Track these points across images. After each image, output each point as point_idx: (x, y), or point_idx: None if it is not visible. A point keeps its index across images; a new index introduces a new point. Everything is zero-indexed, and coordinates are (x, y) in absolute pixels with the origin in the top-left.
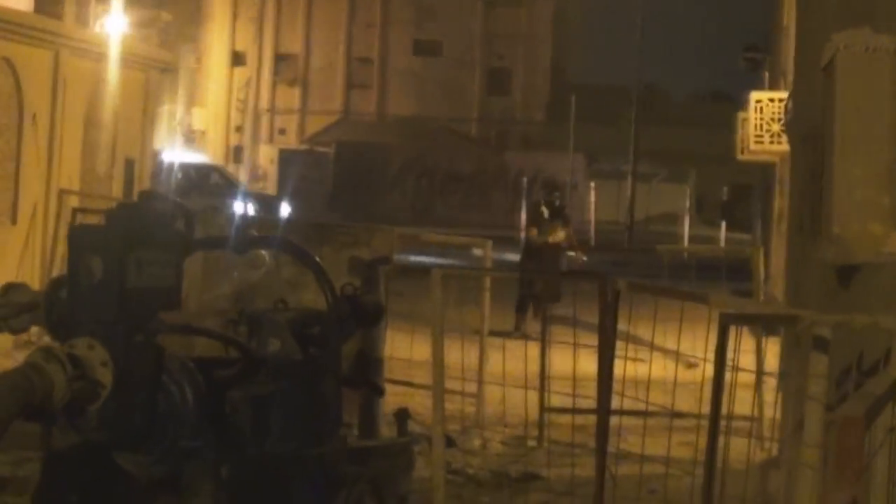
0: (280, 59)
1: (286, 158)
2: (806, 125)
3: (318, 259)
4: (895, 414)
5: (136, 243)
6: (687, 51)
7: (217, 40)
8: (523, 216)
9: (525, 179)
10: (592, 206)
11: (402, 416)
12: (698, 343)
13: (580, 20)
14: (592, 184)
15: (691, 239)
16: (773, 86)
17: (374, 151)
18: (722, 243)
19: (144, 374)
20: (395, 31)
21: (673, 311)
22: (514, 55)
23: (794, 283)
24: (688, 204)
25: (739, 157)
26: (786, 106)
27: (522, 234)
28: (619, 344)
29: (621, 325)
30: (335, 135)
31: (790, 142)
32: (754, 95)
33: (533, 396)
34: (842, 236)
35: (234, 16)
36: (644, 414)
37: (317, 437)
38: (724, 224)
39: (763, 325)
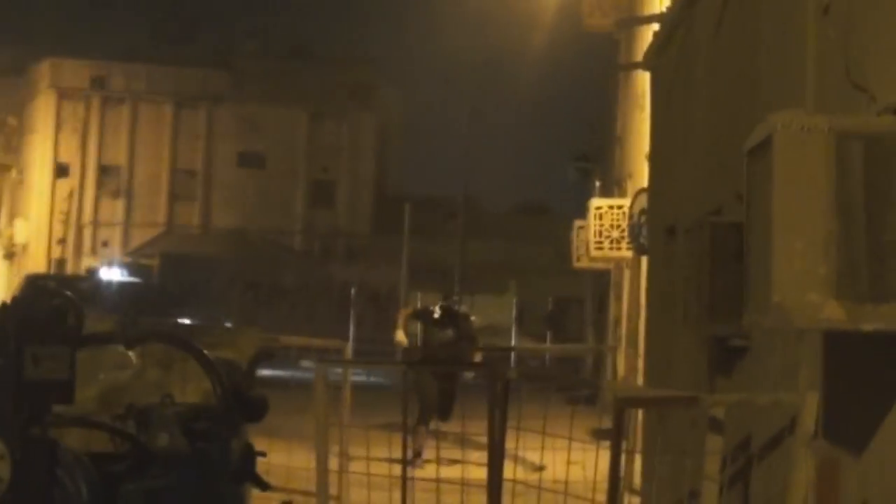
0: (104, 170)
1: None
2: (667, 218)
3: (205, 354)
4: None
5: (31, 337)
6: (504, 164)
7: (40, 151)
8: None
9: (353, 291)
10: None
11: None
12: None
13: (403, 133)
14: (419, 294)
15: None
16: (606, 194)
17: (198, 263)
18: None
19: (40, 468)
20: (220, 143)
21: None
22: (337, 167)
23: (666, 372)
24: (514, 314)
25: (575, 265)
26: (630, 211)
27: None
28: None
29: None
30: (159, 247)
31: (651, 236)
32: (594, 203)
33: None
34: (782, 304)
35: (58, 126)
36: None
37: None
38: (549, 335)
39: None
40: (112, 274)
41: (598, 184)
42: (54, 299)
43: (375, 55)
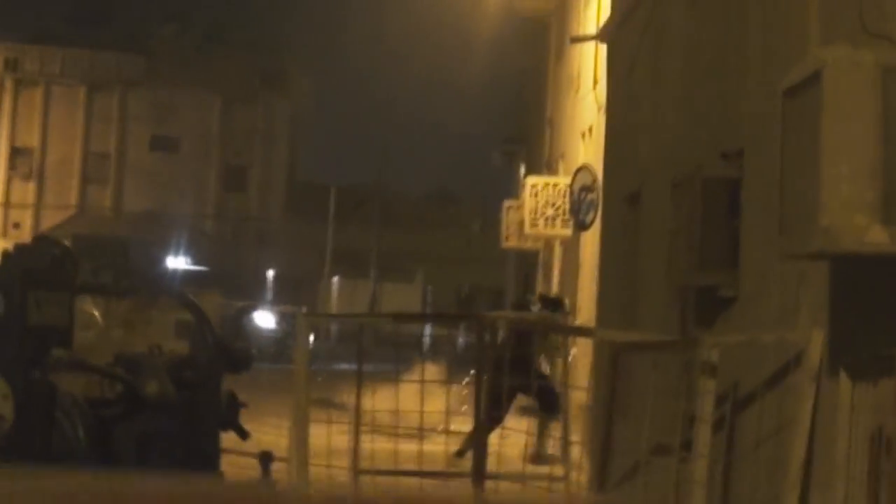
0: (16, 152)
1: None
2: (629, 186)
3: (198, 305)
4: None
5: (35, 283)
6: (418, 151)
7: None
8: None
9: (269, 274)
10: (334, 302)
11: (266, 457)
12: None
13: (317, 120)
14: (336, 279)
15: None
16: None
17: (110, 246)
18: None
19: (41, 409)
20: (133, 126)
21: None
22: (250, 153)
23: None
24: (427, 300)
25: (504, 245)
26: (571, 188)
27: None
28: None
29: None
30: (70, 229)
31: (607, 207)
32: (530, 181)
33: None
34: (830, 228)
35: None
36: None
37: (196, 472)
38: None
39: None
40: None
41: (522, 166)
42: (54, 249)
43: (292, 41)
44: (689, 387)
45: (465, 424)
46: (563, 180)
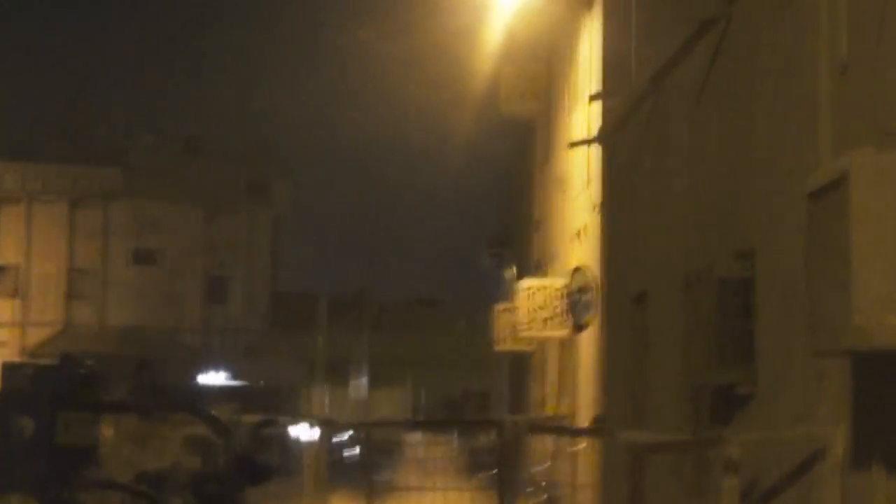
0: None
1: (10, 372)
2: (635, 286)
3: (220, 420)
4: None
5: (62, 403)
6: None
7: None
8: None
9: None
10: (327, 409)
11: None
12: None
13: (299, 227)
14: (326, 387)
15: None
16: (525, 277)
17: (97, 362)
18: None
19: None
20: (116, 241)
21: None
22: (233, 263)
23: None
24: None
25: (497, 348)
26: (569, 289)
27: None
28: None
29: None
30: (57, 346)
31: (611, 306)
32: (524, 283)
33: None
34: (863, 327)
35: None
36: None
37: None
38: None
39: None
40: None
41: (514, 268)
42: (80, 369)
43: (273, 150)
44: (701, 484)
45: None
46: (556, 282)
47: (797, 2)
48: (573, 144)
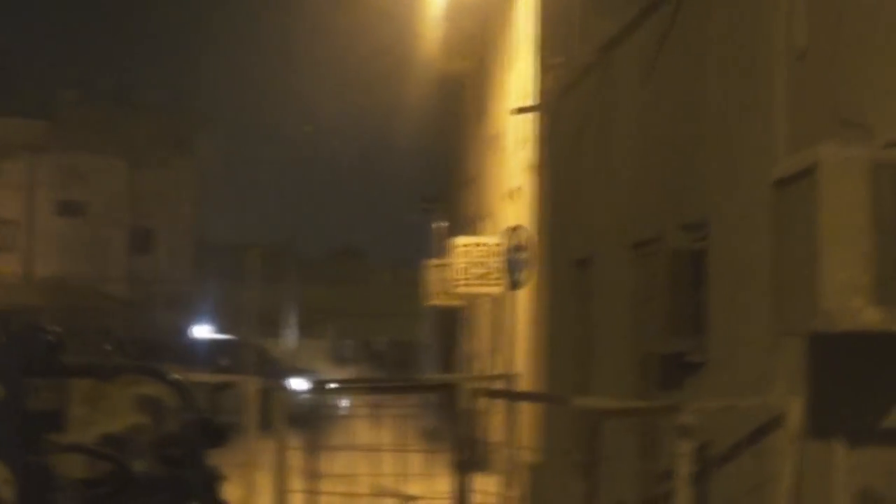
0: None
1: None
2: (577, 251)
3: (183, 382)
4: None
5: (31, 370)
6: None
7: None
8: None
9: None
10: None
11: None
12: None
13: (225, 180)
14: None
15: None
16: (456, 233)
17: (22, 314)
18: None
19: (40, 491)
20: (42, 192)
21: None
22: (158, 215)
23: (583, 392)
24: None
25: (429, 303)
26: (507, 247)
27: None
28: None
29: None
30: None
31: (553, 269)
32: (460, 240)
33: None
34: (829, 310)
35: None
36: None
37: None
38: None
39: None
40: None
41: (443, 223)
42: (47, 335)
43: (199, 103)
44: (652, 448)
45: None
46: (490, 239)
47: None
48: (519, 111)
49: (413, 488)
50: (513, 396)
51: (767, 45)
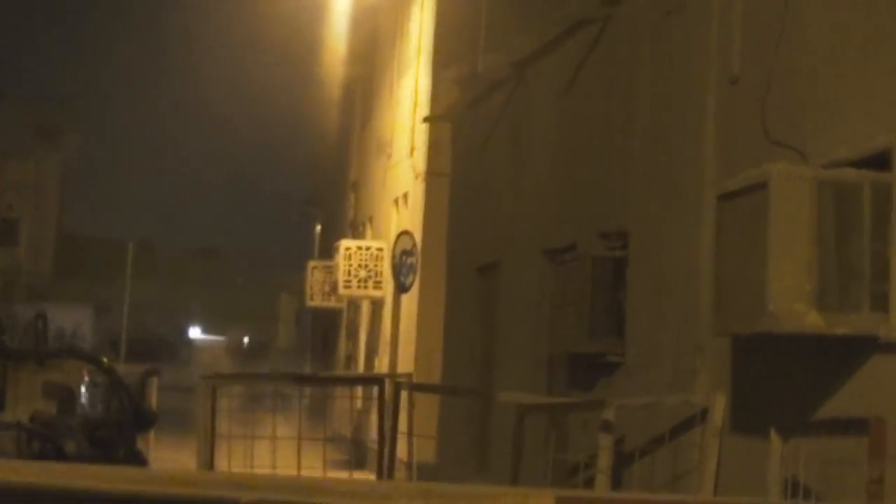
0: None
1: None
2: (482, 257)
3: (114, 368)
4: None
5: None
6: (180, 207)
7: None
8: None
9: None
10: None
11: None
12: None
13: (93, 175)
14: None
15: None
16: (334, 237)
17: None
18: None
19: None
20: None
21: None
22: (22, 206)
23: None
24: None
25: (309, 303)
26: (393, 252)
27: None
28: None
29: None
30: None
31: (455, 274)
32: (343, 243)
33: None
34: (775, 313)
35: None
36: None
37: None
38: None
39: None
40: None
41: (318, 227)
42: None
43: (68, 96)
44: (563, 442)
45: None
46: (374, 243)
47: (687, 10)
48: (426, 120)
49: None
50: (438, 390)
51: (700, 69)
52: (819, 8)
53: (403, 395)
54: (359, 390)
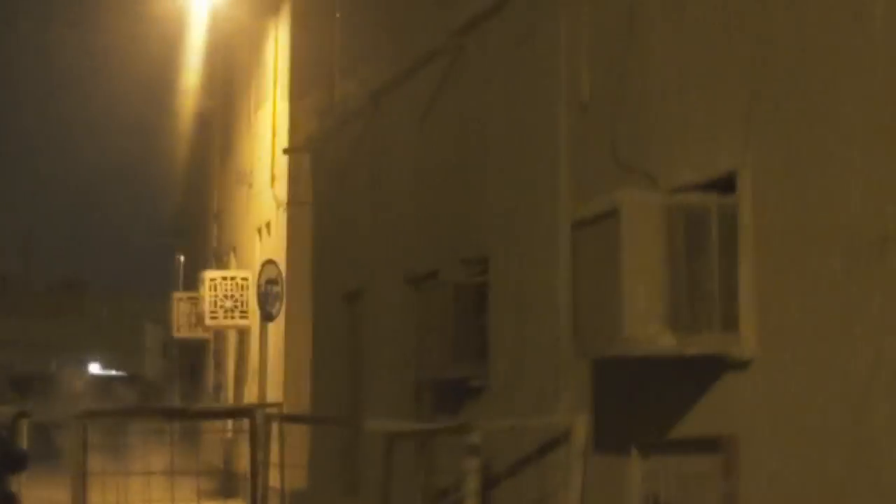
0: None
1: None
2: (347, 284)
3: None
4: None
5: None
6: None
7: None
8: None
9: None
10: None
11: None
12: None
13: None
14: None
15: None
16: (197, 266)
17: None
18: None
19: None
20: None
21: None
22: None
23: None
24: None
25: (176, 335)
26: (259, 281)
27: None
28: None
29: None
30: None
31: (320, 301)
32: (208, 274)
33: None
34: (630, 336)
35: None
36: None
37: None
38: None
39: None
40: None
41: (181, 258)
42: None
43: None
44: (432, 466)
45: None
46: (239, 273)
47: (536, 40)
48: (286, 151)
49: None
50: (307, 420)
51: (551, 96)
52: (663, 35)
53: (274, 425)
54: (229, 421)
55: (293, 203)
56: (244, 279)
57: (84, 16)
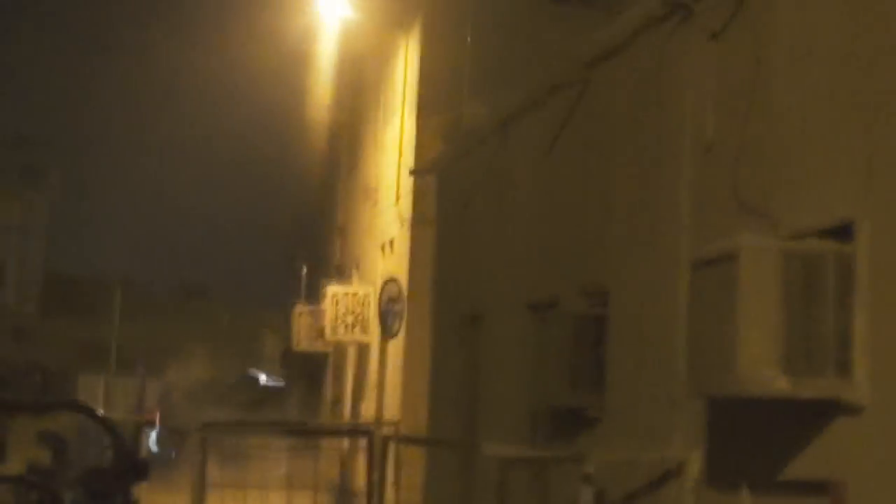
0: None
1: None
2: (467, 308)
3: (108, 417)
4: None
5: None
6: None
7: None
8: None
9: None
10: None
11: None
12: None
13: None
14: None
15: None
16: (319, 278)
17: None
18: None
19: None
20: None
21: None
22: (7, 247)
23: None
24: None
25: (296, 348)
26: (379, 299)
27: None
28: None
29: None
30: None
31: (440, 323)
32: (331, 290)
33: None
34: (745, 377)
35: None
36: None
37: None
38: None
39: None
40: None
41: (304, 269)
42: None
43: (53, 136)
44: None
45: None
46: (361, 289)
47: (662, 78)
48: (413, 173)
49: None
50: (424, 443)
51: (675, 135)
52: (788, 79)
53: (391, 445)
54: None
55: (417, 222)
56: (366, 295)
57: (218, 37)
